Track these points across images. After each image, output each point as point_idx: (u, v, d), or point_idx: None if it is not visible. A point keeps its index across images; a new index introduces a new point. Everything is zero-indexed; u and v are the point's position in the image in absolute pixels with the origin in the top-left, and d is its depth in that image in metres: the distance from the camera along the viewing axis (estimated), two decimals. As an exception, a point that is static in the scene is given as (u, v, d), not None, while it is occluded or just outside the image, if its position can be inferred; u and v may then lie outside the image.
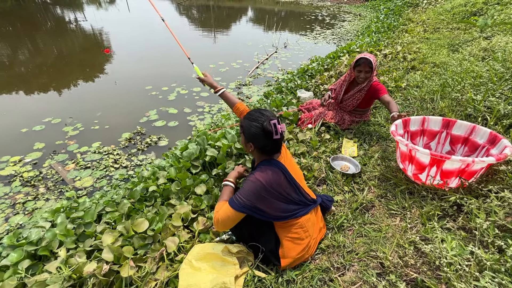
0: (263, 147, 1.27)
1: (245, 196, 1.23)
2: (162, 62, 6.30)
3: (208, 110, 4.05)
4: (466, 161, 1.41)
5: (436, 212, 1.43)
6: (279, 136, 1.23)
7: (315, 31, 9.73)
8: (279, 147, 1.30)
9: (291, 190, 1.32)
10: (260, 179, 1.23)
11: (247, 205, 1.23)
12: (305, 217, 1.37)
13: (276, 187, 1.26)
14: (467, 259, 1.10)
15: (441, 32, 5.63)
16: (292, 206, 1.33)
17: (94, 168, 2.83)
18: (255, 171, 1.28)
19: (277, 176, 1.26)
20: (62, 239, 1.68)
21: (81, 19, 10.52)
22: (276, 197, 1.27)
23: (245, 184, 1.26)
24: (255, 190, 1.23)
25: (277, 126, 1.22)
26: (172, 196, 2.07)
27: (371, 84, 2.47)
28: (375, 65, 2.38)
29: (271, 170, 1.26)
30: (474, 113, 2.00)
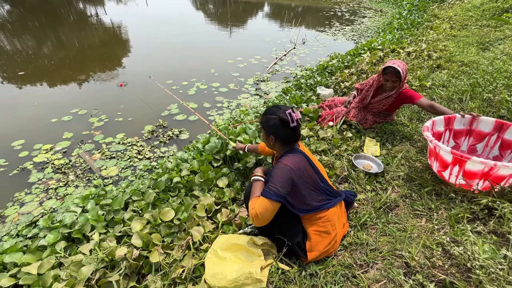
0: (283, 137, 1.34)
1: (277, 183, 1.24)
2: (181, 57, 6.40)
3: (227, 106, 4.10)
4: (488, 164, 1.37)
5: (465, 214, 1.41)
6: (295, 124, 1.31)
7: (334, 27, 9.54)
8: (298, 135, 1.37)
9: (317, 178, 1.36)
10: (288, 164, 1.27)
11: (281, 194, 1.24)
12: (332, 210, 1.38)
13: (304, 171, 1.30)
14: (500, 262, 1.08)
15: (469, 29, 5.38)
16: (320, 195, 1.36)
17: (119, 158, 2.95)
18: (281, 159, 1.32)
19: (302, 161, 1.31)
20: (94, 224, 1.78)
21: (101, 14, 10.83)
22: (305, 182, 1.30)
23: (274, 173, 1.28)
24: (286, 175, 1.25)
25: (292, 114, 1.31)
26: (196, 188, 2.13)
27: (401, 92, 2.37)
28: (404, 75, 2.23)
29: (296, 156, 1.31)
30: (507, 115, 1.93)
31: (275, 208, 1.26)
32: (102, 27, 9.10)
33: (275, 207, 1.26)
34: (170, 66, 5.73)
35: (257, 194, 1.32)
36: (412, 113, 2.75)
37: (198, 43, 7.49)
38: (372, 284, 1.27)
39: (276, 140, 1.36)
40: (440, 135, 1.89)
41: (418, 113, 2.72)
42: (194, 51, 6.77)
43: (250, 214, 1.27)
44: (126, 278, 1.44)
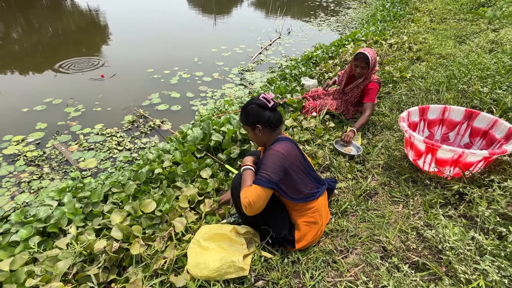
0: (268, 121, 1.34)
1: (270, 170, 1.23)
2: (164, 44, 6.16)
3: (211, 95, 4.02)
4: (456, 152, 1.44)
5: (438, 200, 1.48)
6: (273, 103, 1.34)
7: (319, 17, 9.51)
8: (280, 115, 1.39)
9: (306, 165, 1.38)
10: (280, 150, 1.27)
11: (274, 180, 1.23)
12: (319, 200, 1.41)
13: (295, 157, 1.31)
14: (468, 244, 1.14)
15: (448, 23, 5.54)
16: (311, 182, 1.39)
17: (98, 149, 2.83)
18: (272, 145, 1.32)
19: (293, 148, 1.33)
20: (71, 217, 1.71)
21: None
22: (297, 168, 1.32)
23: (265, 160, 1.27)
24: (278, 161, 1.25)
25: (266, 96, 1.34)
26: (178, 179, 2.09)
27: (367, 84, 2.47)
28: (372, 62, 2.37)
29: (287, 143, 1.32)
30: (480, 105, 2.02)
31: (268, 195, 1.24)
32: (78, 11, 8.56)
33: (268, 194, 1.24)
34: (151, 54, 5.50)
35: (249, 183, 1.30)
36: (393, 104, 2.82)
37: (181, 31, 7.23)
38: (351, 268, 1.32)
39: (263, 127, 1.35)
40: (416, 125, 1.95)
41: (398, 104, 2.80)
42: (177, 39, 6.53)
43: (242, 203, 1.23)
44: (106, 271, 1.40)
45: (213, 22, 8.54)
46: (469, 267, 1.06)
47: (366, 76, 2.48)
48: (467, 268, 1.05)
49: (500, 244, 1.08)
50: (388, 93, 3.12)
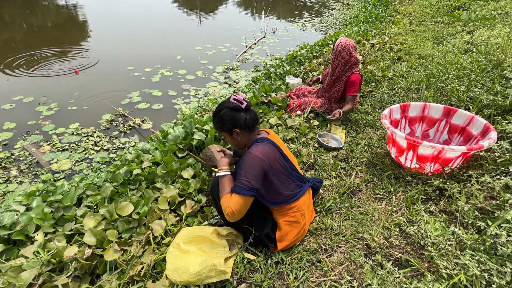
0: (245, 124, 1.28)
1: (249, 176, 1.18)
2: (145, 42, 5.96)
3: (194, 94, 3.92)
4: (436, 148, 1.46)
5: (420, 196, 1.49)
6: (246, 103, 1.27)
7: (304, 18, 9.59)
8: (255, 115, 1.33)
9: (287, 166, 1.33)
10: (257, 154, 1.21)
11: (255, 187, 1.19)
12: (302, 199, 1.37)
13: (273, 160, 1.25)
14: (449, 239, 1.15)
15: (426, 25, 5.73)
16: (292, 182, 1.34)
17: (73, 150, 2.67)
18: (249, 149, 1.26)
19: (271, 149, 1.27)
20: (39, 223, 1.58)
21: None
22: (277, 171, 1.27)
23: (243, 165, 1.21)
24: (256, 166, 1.20)
25: (236, 97, 1.28)
26: (158, 180, 2.00)
27: (349, 76, 2.49)
28: (337, 49, 2.43)
29: (265, 144, 1.27)
30: (457, 102, 2.07)
31: (249, 202, 1.22)
32: (55, 6, 8.13)
33: (249, 201, 1.21)
34: (132, 51, 5.31)
35: (228, 190, 1.25)
36: (375, 102, 2.86)
37: (163, 28, 7.04)
38: (335, 267, 1.29)
39: (241, 130, 1.29)
40: (398, 122, 1.97)
41: (381, 102, 2.84)
42: (159, 36, 6.35)
43: (225, 212, 1.20)
44: (77, 280, 1.30)
45: (197, 20, 8.40)
46: (450, 262, 1.06)
47: (347, 69, 2.49)
48: (449, 263, 1.05)
49: (479, 238, 1.09)
50: (370, 92, 3.16)
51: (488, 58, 2.42)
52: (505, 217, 1.07)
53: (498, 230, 1.02)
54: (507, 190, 1.23)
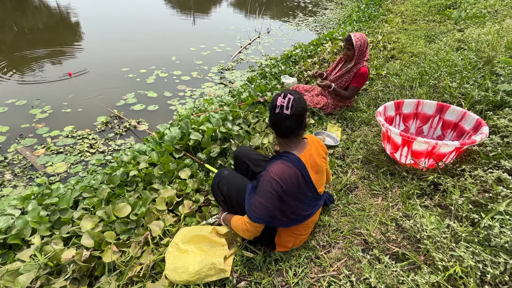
0: (278, 130, 1.17)
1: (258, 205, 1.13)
2: (139, 43, 5.93)
3: (190, 95, 3.91)
4: (430, 143, 1.48)
5: (415, 191, 1.51)
6: (279, 110, 1.10)
7: (298, 17, 9.64)
8: (292, 124, 1.13)
9: (307, 189, 1.20)
10: (274, 176, 1.11)
11: (262, 218, 1.14)
12: (312, 218, 1.32)
13: (291, 183, 1.13)
14: (444, 232, 1.17)
15: (418, 23, 5.81)
16: (309, 205, 1.25)
17: (68, 153, 2.64)
18: (268, 166, 1.16)
19: (292, 171, 1.13)
20: (35, 227, 1.57)
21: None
22: (294, 193, 1.16)
23: (259, 185, 1.15)
24: (269, 192, 1.12)
25: (277, 98, 1.11)
26: (155, 181, 2.00)
27: (359, 68, 2.51)
28: (357, 44, 2.43)
29: (285, 165, 1.14)
30: (450, 99, 2.11)
31: (259, 229, 1.21)
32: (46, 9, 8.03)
33: (259, 228, 1.19)
34: (126, 52, 5.27)
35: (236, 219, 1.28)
36: (370, 100, 2.89)
37: (158, 30, 7.01)
38: (333, 263, 1.31)
39: (276, 135, 1.20)
40: (392, 119, 2.00)
41: (375, 100, 2.87)
42: (153, 38, 6.32)
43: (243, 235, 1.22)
44: (75, 283, 1.30)
45: (191, 21, 8.38)
46: (445, 254, 1.08)
47: (357, 61, 2.51)
48: (444, 256, 1.07)
49: (473, 231, 1.12)
50: (365, 90, 3.20)
51: (479, 55, 2.47)
52: (497, 209, 1.09)
53: (491, 222, 1.05)
54: (499, 183, 1.26)
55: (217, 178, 1.46)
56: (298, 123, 1.15)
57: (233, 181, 1.42)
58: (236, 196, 1.39)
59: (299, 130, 1.18)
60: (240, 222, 1.21)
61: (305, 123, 1.21)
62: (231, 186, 1.40)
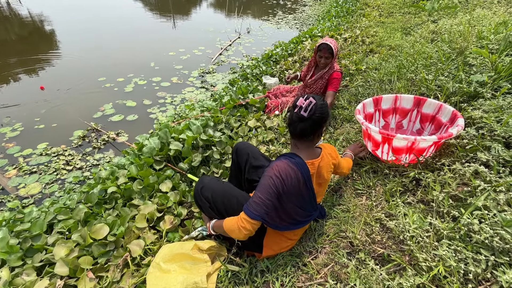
0: (292, 130, 1.18)
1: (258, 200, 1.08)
2: (116, 50, 5.75)
3: (170, 101, 3.82)
4: (409, 140, 1.48)
5: (398, 188, 1.51)
6: (297, 110, 1.12)
7: (277, 16, 9.63)
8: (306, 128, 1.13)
9: (306, 194, 1.18)
10: (275, 172, 1.09)
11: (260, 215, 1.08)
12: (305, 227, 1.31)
13: (291, 183, 1.11)
14: (427, 230, 1.16)
15: (394, 16, 5.91)
16: (304, 212, 1.22)
17: (42, 172, 2.51)
18: (273, 162, 1.14)
19: (293, 173, 1.11)
20: (5, 257, 1.46)
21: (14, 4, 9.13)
22: (292, 195, 1.14)
23: (262, 180, 1.12)
24: (270, 188, 1.08)
25: (300, 99, 1.13)
26: (135, 196, 1.92)
27: (331, 73, 2.52)
28: (335, 51, 2.42)
29: (288, 165, 1.11)
30: (427, 92, 2.13)
31: (256, 226, 1.12)
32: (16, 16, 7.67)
33: (255, 225, 1.12)
34: (102, 61, 5.10)
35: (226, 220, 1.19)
36: (351, 96, 2.89)
37: (135, 35, 6.83)
38: (321, 269, 1.28)
39: (290, 134, 1.23)
40: (372, 116, 2.00)
41: (356, 96, 2.88)
42: (131, 44, 6.14)
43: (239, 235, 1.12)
44: (49, 316, 1.21)
45: (169, 25, 8.21)
46: (429, 253, 1.07)
47: (330, 66, 2.51)
48: (428, 255, 1.06)
49: (455, 227, 1.11)
50: (346, 86, 3.20)
51: (452, 46, 2.51)
52: (476, 204, 1.09)
53: (471, 218, 1.04)
54: (477, 176, 1.27)
55: (200, 184, 1.41)
56: (312, 128, 1.15)
57: (217, 187, 1.37)
58: (222, 201, 1.34)
59: (312, 136, 1.18)
60: (235, 220, 1.15)
61: (320, 132, 1.20)
62: (215, 192, 1.35)
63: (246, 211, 1.10)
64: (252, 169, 1.49)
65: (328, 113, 1.17)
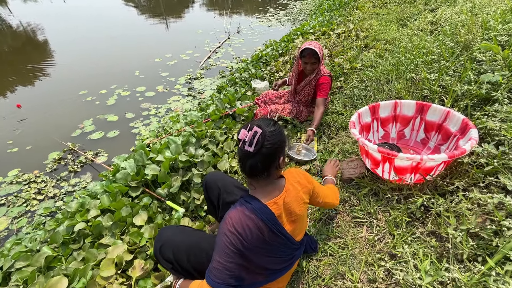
0: (241, 168, 0.94)
1: (221, 258, 0.87)
2: (100, 59, 5.50)
3: (155, 113, 3.58)
4: (414, 159, 1.25)
5: (403, 217, 1.27)
6: (240, 145, 0.89)
7: (269, 13, 9.34)
8: (246, 163, 0.90)
9: (278, 242, 0.97)
10: (231, 228, 0.88)
11: (225, 279, 0.87)
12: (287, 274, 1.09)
13: (252, 237, 0.89)
14: (442, 282, 0.93)
15: (389, 7, 5.62)
16: (279, 260, 1.02)
17: (10, 204, 2.29)
18: (228, 213, 0.92)
19: (251, 223, 0.89)
20: None
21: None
22: (256, 250, 0.93)
23: (217, 238, 0.91)
24: (227, 248, 0.87)
25: (242, 131, 0.89)
26: (105, 233, 1.69)
27: (318, 78, 2.30)
28: (321, 55, 2.19)
29: (245, 214, 0.90)
30: (430, 94, 1.88)
31: None
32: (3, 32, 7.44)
33: None
34: (84, 72, 4.86)
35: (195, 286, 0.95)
36: (345, 99, 2.65)
37: (120, 40, 6.57)
38: (315, 328, 1.05)
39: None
40: (369, 126, 1.76)
41: (351, 99, 2.63)
42: (116, 52, 5.89)
43: None
44: None
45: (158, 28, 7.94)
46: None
47: (317, 71, 2.28)
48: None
49: (481, 280, 0.88)
50: (340, 87, 2.96)
51: (454, 39, 2.26)
52: (504, 252, 0.86)
53: (501, 272, 0.81)
54: (502, 207, 1.03)
55: (159, 242, 1.17)
56: (264, 163, 0.90)
57: (180, 241, 1.14)
58: (187, 259, 1.11)
59: (267, 173, 0.93)
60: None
61: (277, 164, 0.94)
62: (178, 248, 1.12)
63: (208, 279, 0.87)
64: (226, 205, 1.26)
65: (283, 140, 0.93)
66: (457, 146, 1.42)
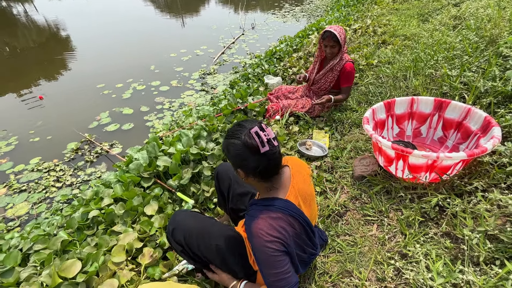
0: (256, 170, 0.87)
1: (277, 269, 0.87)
2: (117, 54, 5.65)
3: (168, 107, 3.64)
4: (430, 157, 1.20)
5: (416, 217, 1.23)
6: (268, 147, 0.83)
7: (284, 8, 9.23)
8: (277, 162, 0.89)
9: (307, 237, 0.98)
10: (267, 238, 0.84)
11: (293, 279, 0.89)
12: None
13: (289, 234, 0.90)
14: (456, 285, 0.89)
15: (410, 1, 5.42)
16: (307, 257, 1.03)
17: (31, 190, 2.40)
18: (251, 223, 0.88)
19: (283, 223, 0.88)
20: (-31, 299, 1.33)
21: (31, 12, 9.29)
22: (298, 243, 0.95)
23: (257, 255, 0.89)
24: (275, 259, 0.86)
25: (260, 134, 0.84)
26: (117, 221, 1.74)
27: (344, 66, 2.24)
28: (342, 39, 2.14)
29: (272, 218, 0.87)
30: (450, 91, 1.80)
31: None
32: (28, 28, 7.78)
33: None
34: (102, 67, 5.00)
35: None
36: (360, 96, 2.58)
37: (136, 36, 6.71)
38: (320, 323, 1.04)
39: (247, 175, 0.90)
40: (384, 123, 1.71)
41: (366, 95, 2.56)
42: (133, 47, 6.02)
43: None
44: None
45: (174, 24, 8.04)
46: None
47: (340, 57, 2.25)
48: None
49: (498, 284, 0.83)
50: (355, 84, 2.88)
51: (479, 34, 2.14)
52: (527, 255, 0.81)
53: (521, 277, 0.76)
54: (524, 209, 0.97)
55: (172, 224, 1.20)
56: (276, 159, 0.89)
57: (193, 225, 1.16)
58: (197, 246, 1.13)
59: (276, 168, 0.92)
60: None
61: None
62: (189, 232, 1.14)
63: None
64: (237, 197, 1.26)
65: None
66: (478, 145, 1.35)
